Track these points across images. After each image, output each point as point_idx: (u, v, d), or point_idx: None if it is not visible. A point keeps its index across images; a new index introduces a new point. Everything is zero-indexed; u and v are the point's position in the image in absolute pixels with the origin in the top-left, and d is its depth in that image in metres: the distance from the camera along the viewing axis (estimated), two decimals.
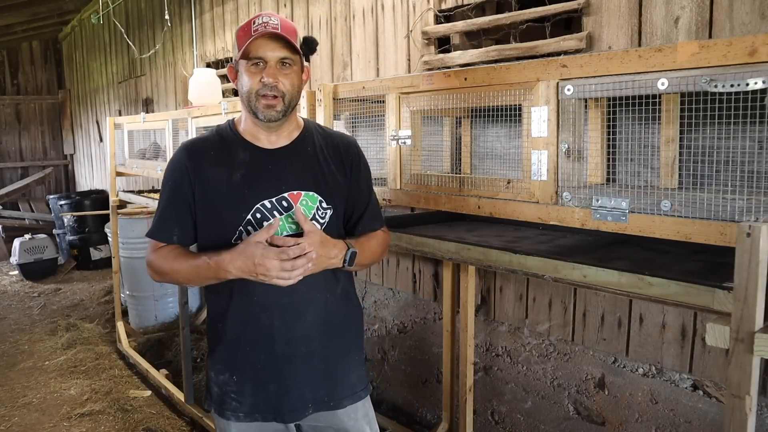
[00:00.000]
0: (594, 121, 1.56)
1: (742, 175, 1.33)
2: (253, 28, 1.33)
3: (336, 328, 1.48)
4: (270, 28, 1.32)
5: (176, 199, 1.42)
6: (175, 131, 3.23)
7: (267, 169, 1.41)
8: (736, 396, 1.00)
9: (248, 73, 1.35)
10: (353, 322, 1.55)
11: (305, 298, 1.41)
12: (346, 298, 1.51)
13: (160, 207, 1.45)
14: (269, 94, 1.33)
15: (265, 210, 1.38)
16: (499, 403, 2.50)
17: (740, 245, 0.98)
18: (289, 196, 1.39)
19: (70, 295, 5.74)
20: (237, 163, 1.41)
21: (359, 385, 1.52)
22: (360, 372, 1.54)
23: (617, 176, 1.67)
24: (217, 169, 1.40)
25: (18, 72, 9.24)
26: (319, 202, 1.41)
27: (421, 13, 2.62)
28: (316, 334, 1.44)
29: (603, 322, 2.09)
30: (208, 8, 4.56)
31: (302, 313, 1.42)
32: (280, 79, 1.34)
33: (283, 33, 1.32)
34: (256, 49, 1.33)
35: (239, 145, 1.43)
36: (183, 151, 1.44)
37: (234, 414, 1.44)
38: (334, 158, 1.46)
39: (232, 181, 1.39)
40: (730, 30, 1.64)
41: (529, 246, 1.55)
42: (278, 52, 1.33)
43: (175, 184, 1.42)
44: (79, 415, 3.16)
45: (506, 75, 1.48)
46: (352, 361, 1.52)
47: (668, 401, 1.93)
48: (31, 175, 9.00)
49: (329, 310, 1.46)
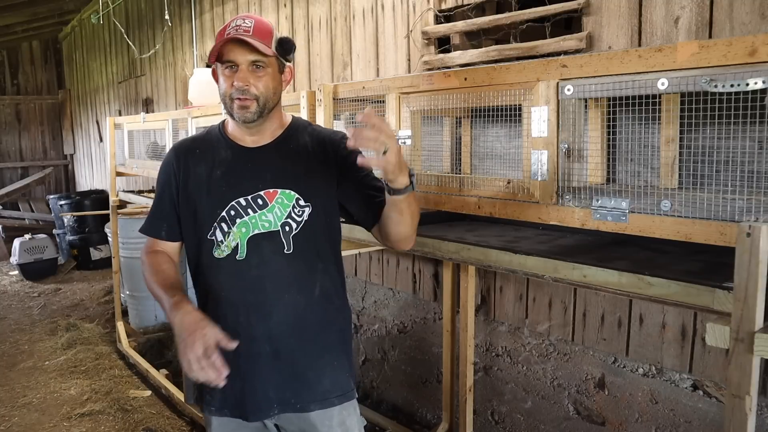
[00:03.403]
0: (594, 121, 1.56)
1: (742, 175, 1.33)
2: (227, 31, 1.36)
3: (308, 330, 1.44)
4: (241, 31, 1.34)
5: (164, 196, 1.50)
6: (175, 131, 3.23)
7: (246, 167, 1.43)
8: (736, 396, 1.00)
9: (223, 76, 1.38)
10: (333, 326, 1.49)
11: (271, 298, 1.40)
12: (325, 299, 1.47)
13: (152, 204, 1.54)
14: (241, 97, 1.36)
15: (239, 207, 1.41)
16: (499, 403, 2.50)
17: (740, 245, 0.98)
18: (265, 194, 1.40)
19: (70, 295, 5.74)
20: (218, 161, 1.45)
21: (334, 391, 1.46)
22: (338, 378, 1.47)
23: (617, 176, 1.66)
24: (200, 167, 1.46)
25: (18, 72, 9.24)
26: (296, 200, 1.41)
27: (421, 13, 2.62)
28: (282, 334, 1.41)
29: (603, 322, 2.09)
30: (208, 8, 4.56)
31: (267, 313, 1.40)
32: (252, 82, 1.35)
33: (255, 36, 1.33)
34: (227, 53, 1.35)
35: (223, 144, 1.47)
36: (172, 151, 1.53)
37: (208, 407, 1.48)
38: (319, 155, 1.45)
39: (212, 179, 1.44)
40: (730, 30, 1.64)
41: (529, 246, 1.55)
42: (249, 56, 1.35)
43: (163, 182, 1.50)
44: (79, 415, 3.16)
45: (506, 75, 1.48)
46: (328, 366, 1.46)
47: (668, 401, 1.93)
48: (31, 175, 9.00)
49: (300, 311, 1.43)
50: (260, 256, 1.40)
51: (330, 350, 1.48)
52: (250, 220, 1.40)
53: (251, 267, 1.40)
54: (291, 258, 1.41)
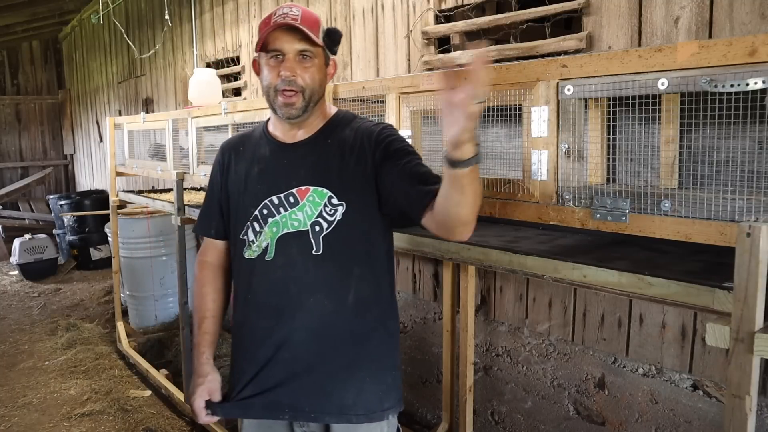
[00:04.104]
0: (594, 121, 1.56)
1: (742, 175, 1.33)
2: (273, 19, 1.29)
3: (333, 339, 1.34)
4: (289, 19, 1.27)
5: (212, 194, 1.49)
6: (175, 131, 3.23)
7: (282, 164, 1.37)
8: (736, 396, 1.00)
9: (267, 67, 1.31)
10: (368, 339, 1.36)
11: (294, 301, 1.33)
12: (360, 308, 1.35)
13: (203, 202, 1.55)
14: (288, 89, 1.29)
15: (272, 206, 1.35)
16: (499, 403, 2.50)
17: (740, 245, 0.98)
18: (297, 191, 1.34)
19: (70, 295, 5.74)
20: (257, 159, 1.41)
21: (357, 408, 1.35)
22: (366, 396, 1.35)
23: (617, 176, 1.66)
24: (240, 165, 1.43)
25: (18, 72, 9.24)
26: (328, 198, 1.32)
27: (421, 13, 2.62)
28: (303, 340, 1.34)
29: (603, 322, 2.09)
30: (208, 8, 4.56)
31: (290, 317, 1.34)
32: (299, 73, 1.29)
33: (303, 24, 1.27)
34: (273, 41, 1.29)
35: (263, 141, 1.43)
36: (220, 148, 1.52)
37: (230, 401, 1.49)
38: (356, 150, 1.34)
39: (249, 177, 1.40)
40: (730, 30, 1.64)
41: (529, 246, 1.55)
42: (296, 45, 1.28)
43: (211, 180, 1.51)
44: (79, 415, 3.16)
45: (506, 75, 1.48)
46: (354, 380, 1.35)
47: (668, 401, 1.93)
48: (31, 175, 9.00)
49: (326, 317, 1.33)
50: (287, 257, 1.34)
51: (359, 365, 1.36)
52: (281, 219, 1.34)
53: (277, 268, 1.34)
54: (320, 260, 1.32)
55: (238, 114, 2.62)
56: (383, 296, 1.40)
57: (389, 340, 1.42)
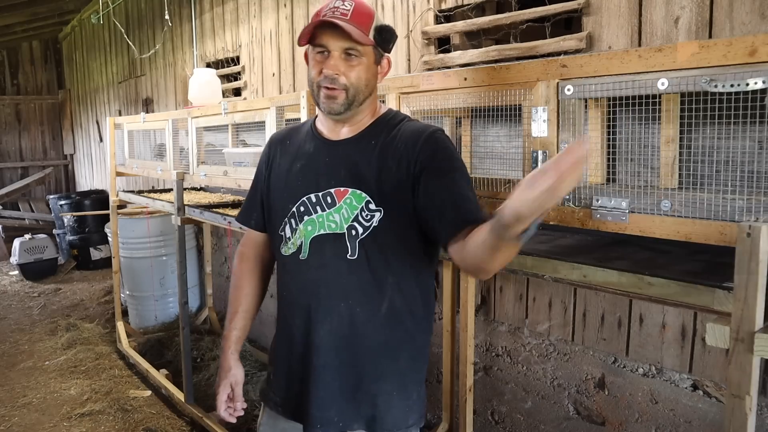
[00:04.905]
0: (594, 121, 1.56)
1: (742, 175, 1.33)
2: (322, 12, 1.24)
3: (364, 349, 1.30)
4: (338, 14, 1.21)
5: (256, 186, 1.49)
6: (175, 131, 3.23)
7: (324, 162, 1.32)
8: (736, 396, 1.00)
9: (313, 61, 1.27)
10: (399, 352, 1.32)
11: (324, 304, 1.29)
12: (393, 319, 1.30)
13: (247, 192, 1.54)
14: (330, 86, 1.24)
15: (309, 204, 1.31)
16: (499, 403, 2.50)
17: (740, 245, 0.98)
18: (335, 192, 1.28)
19: (70, 295, 5.74)
20: (300, 154, 1.37)
21: (383, 423, 1.31)
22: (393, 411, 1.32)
23: (617, 176, 1.66)
24: (284, 159, 1.40)
25: (18, 72, 9.24)
26: (366, 203, 1.25)
27: (421, 13, 2.62)
28: (332, 347, 1.30)
29: (603, 322, 2.09)
30: (208, 8, 4.56)
31: (319, 320, 1.30)
32: (343, 71, 1.23)
33: (352, 21, 1.20)
34: (319, 36, 1.24)
35: (309, 136, 1.38)
36: (268, 140, 1.51)
37: (265, 398, 1.49)
38: (398, 155, 1.26)
39: (291, 172, 1.36)
40: (730, 30, 1.63)
41: (529, 246, 1.55)
42: (342, 42, 1.22)
43: (257, 171, 1.49)
44: (79, 415, 3.16)
45: (506, 75, 1.48)
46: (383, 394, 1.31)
47: (668, 401, 1.93)
48: (31, 175, 9.00)
49: (358, 325, 1.29)
50: (321, 258, 1.29)
51: (389, 378, 1.32)
52: (317, 218, 1.29)
53: (310, 268, 1.30)
54: (354, 264, 1.27)
55: (238, 114, 2.62)
56: (417, 309, 1.34)
57: (419, 356, 1.37)
